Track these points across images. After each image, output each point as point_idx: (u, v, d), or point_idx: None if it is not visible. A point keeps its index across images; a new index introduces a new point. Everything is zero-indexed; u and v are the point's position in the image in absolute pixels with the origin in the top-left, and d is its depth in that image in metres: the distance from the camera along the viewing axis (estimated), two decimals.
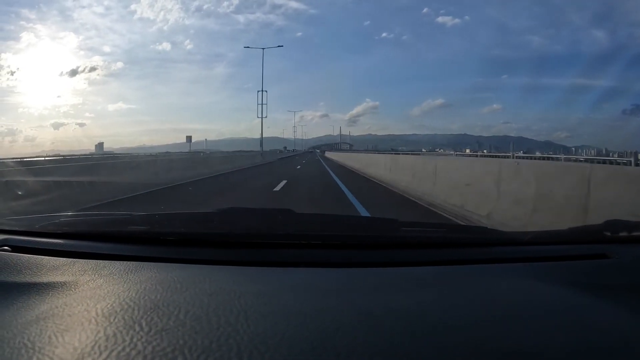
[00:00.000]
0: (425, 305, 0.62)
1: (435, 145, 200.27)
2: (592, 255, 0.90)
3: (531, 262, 0.88)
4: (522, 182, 4.17)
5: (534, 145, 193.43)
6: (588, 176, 3.19)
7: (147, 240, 0.94)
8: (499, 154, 21.52)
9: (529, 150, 56.13)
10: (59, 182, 6.47)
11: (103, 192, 7.01)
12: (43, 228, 0.99)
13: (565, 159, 15.63)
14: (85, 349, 0.46)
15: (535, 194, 3.81)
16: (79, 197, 6.22)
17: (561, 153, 64.62)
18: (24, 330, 0.51)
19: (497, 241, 1.03)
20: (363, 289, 0.69)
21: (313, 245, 0.93)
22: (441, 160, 8.70)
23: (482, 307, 0.63)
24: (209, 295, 0.61)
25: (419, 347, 0.48)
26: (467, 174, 5.71)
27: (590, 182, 3.15)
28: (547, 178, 3.85)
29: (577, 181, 3.29)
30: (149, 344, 0.46)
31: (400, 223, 1.06)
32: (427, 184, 7.11)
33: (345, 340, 0.48)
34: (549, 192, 3.63)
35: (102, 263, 0.79)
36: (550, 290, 0.71)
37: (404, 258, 0.89)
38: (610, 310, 0.63)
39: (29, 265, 0.77)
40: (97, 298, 0.61)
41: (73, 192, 6.49)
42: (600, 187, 3.09)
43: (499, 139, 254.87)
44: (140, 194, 7.55)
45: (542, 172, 4.16)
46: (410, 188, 7.80)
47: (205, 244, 0.93)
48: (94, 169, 9.20)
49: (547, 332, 0.53)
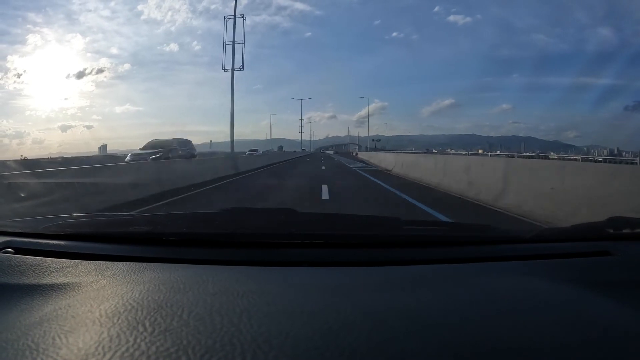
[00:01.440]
0: (429, 304, 0.62)
1: (443, 146, 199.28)
2: (595, 253, 0.90)
3: (533, 259, 0.87)
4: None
5: (542, 145, 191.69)
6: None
7: (150, 241, 0.94)
8: (514, 153, 21.17)
9: (543, 151, 55.24)
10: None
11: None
12: (46, 230, 0.99)
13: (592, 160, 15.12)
14: (89, 350, 0.46)
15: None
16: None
17: (574, 153, 63.67)
18: (27, 331, 0.51)
19: (499, 239, 1.03)
20: (366, 287, 0.69)
21: (316, 244, 0.93)
22: (514, 161, 7.87)
23: (485, 305, 0.63)
24: (212, 295, 0.61)
25: (423, 346, 0.48)
26: (551, 176, 4.82)
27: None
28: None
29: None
30: (153, 344, 0.46)
31: (402, 221, 1.05)
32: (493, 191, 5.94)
33: (349, 339, 0.48)
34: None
35: (105, 264, 0.79)
36: (552, 287, 0.71)
37: (406, 256, 0.89)
38: (612, 308, 0.63)
39: (32, 267, 0.77)
40: (100, 299, 0.61)
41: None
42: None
43: (507, 139, 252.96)
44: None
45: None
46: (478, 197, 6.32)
47: (208, 244, 0.93)
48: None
49: (550, 329, 0.53)
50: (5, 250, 0.88)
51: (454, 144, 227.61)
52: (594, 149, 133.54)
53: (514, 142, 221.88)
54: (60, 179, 5.23)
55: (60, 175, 5.41)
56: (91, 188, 5.54)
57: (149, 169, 8.32)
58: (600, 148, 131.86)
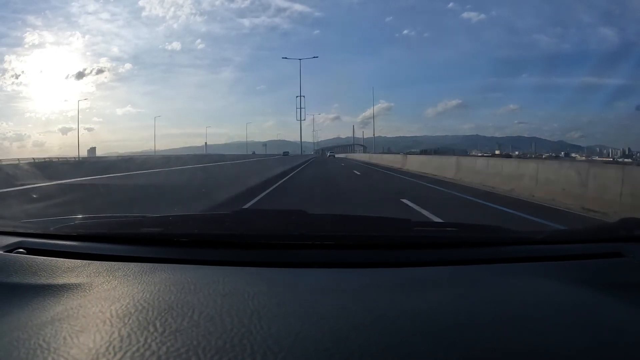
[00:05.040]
0: (439, 306, 0.61)
1: (448, 147, 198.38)
2: (607, 254, 0.89)
3: (545, 261, 0.86)
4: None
5: (548, 146, 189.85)
6: None
7: (161, 242, 0.95)
8: (528, 153, 20.23)
9: (554, 151, 54.03)
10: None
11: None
12: (58, 230, 1.00)
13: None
14: (100, 350, 0.46)
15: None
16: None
17: (585, 154, 62.84)
18: (39, 331, 0.52)
19: (510, 240, 1.02)
20: (376, 289, 0.69)
21: (326, 245, 0.93)
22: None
23: (495, 307, 0.63)
24: (222, 296, 0.61)
25: (433, 348, 0.48)
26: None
27: None
28: None
29: None
30: (163, 344, 0.46)
31: (413, 223, 1.05)
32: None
33: (358, 341, 0.48)
34: None
35: (116, 265, 0.79)
36: (564, 289, 0.70)
37: (417, 258, 0.88)
38: (625, 309, 0.63)
39: (44, 267, 0.78)
40: (111, 299, 0.61)
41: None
42: None
43: (512, 139, 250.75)
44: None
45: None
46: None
47: (218, 245, 0.93)
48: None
49: (561, 331, 0.53)
50: (17, 251, 0.89)
51: (459, 145, 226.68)
52: (604, 149, 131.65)
53: (519, 142, 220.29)
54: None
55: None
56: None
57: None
58: (609, 149, 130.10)
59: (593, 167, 6.23)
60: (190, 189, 5.80)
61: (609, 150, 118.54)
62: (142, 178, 5.00)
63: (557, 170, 6.86)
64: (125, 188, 4.32)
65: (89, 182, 3.96)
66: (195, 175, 6.85)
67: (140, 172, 5.75)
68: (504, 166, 8.92)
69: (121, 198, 4.03)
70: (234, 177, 8.80)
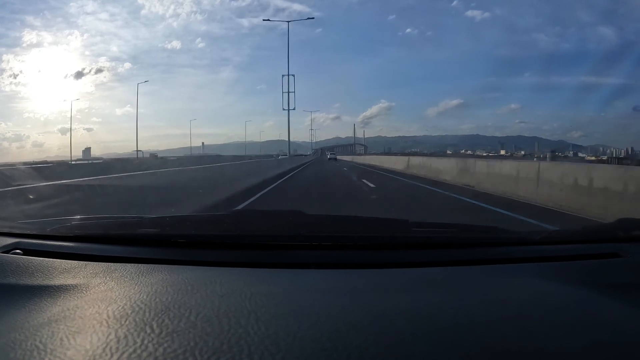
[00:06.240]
0: (437, 306, 0.61)
1: (448, 147, 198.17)
2: (605, 255, 0.89)
3: (543, 261, 0.87)
4: None
5: (548, 145, 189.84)
6: None
7: (158, 243, 0.95)
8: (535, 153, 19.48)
9: (556, 151, 53.31)
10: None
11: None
12: (54, 231, 1.00)
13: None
14: (96, 351, 0.46)
15: None
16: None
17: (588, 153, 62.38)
18: (35, 332, 0.51)
19: (508, 241, 1.02)
20: (374, 289, 0.69)
21: (324, 246, 0.93)
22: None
23: (493, 308, 0.63)
24: (219, 297, 0.61)
25: (432, 348, 0.48)
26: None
27: None
28: None
29: None
30: (160, 345, 0.46)
31: (411, 223, 1.04)
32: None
33: (356, 342, 0.48)
34: None
35: (113, 266, 0.79)
36: (562, 289, 0.70)
37: (415, 258, 0.88)
38: (622, 310, 0.63)
39: (41, 268, 0.78)
40: (108, 300, 0.61)
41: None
42: None
43: (512, 139, 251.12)
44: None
45: None
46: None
47: (215, 246, 0.93)
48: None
49: (558, 331, 0.53)
50: (14, 252, 0.89)
51: (460, 145, 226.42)
52: (607, 149, 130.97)
53: (519, 142, 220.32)
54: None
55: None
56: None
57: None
58: (611, 148, 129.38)
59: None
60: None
61: (612, 150, 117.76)
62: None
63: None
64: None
65: (85, 182, 3.93)
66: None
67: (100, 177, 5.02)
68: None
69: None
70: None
